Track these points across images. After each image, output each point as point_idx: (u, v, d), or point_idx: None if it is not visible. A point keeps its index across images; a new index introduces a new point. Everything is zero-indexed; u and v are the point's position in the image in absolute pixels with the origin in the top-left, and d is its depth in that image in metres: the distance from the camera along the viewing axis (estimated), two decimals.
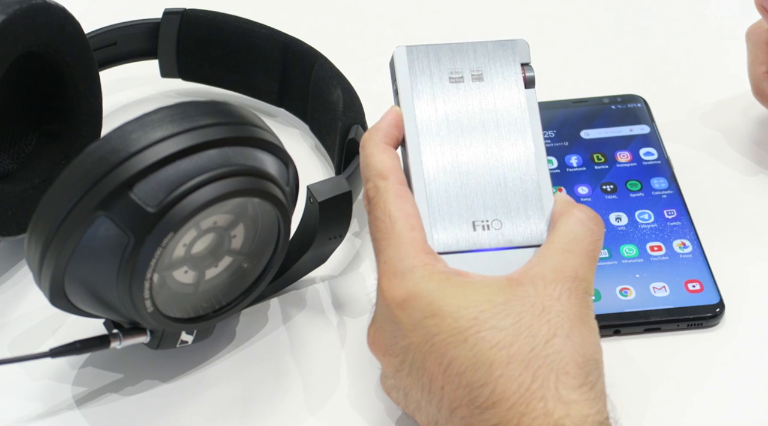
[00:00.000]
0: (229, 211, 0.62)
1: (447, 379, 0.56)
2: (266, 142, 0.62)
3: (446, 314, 0.57)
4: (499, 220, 0.63)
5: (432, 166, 0.63)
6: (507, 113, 0.65)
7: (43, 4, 0.70)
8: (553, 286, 0.58)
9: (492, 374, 0.55)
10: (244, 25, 0.81)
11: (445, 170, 0.63)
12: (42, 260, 0.60)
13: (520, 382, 0.55)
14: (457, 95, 0.65)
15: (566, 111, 0.81)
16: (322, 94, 0.78)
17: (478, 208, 0.63)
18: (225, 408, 0.66)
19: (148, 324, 0.63)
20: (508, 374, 0.55)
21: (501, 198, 0.63)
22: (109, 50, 0.81)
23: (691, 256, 0.72)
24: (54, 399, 0.66)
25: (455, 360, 0.56)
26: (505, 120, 0.65)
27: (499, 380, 0.55)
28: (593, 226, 0.60)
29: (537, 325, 0.56)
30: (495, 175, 0.63)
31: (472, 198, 0.63)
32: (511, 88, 0.66)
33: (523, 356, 0.55)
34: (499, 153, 0.64)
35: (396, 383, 0.60)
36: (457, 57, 0.66)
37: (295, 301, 0.71)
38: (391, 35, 0.90)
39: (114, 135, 0.59)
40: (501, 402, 0.55)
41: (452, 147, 0.64)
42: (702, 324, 0.70)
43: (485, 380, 0.55)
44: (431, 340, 0.57)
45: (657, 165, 0.78)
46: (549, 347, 0.56)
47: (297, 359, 0.69)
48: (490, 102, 0.65)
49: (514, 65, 0.66)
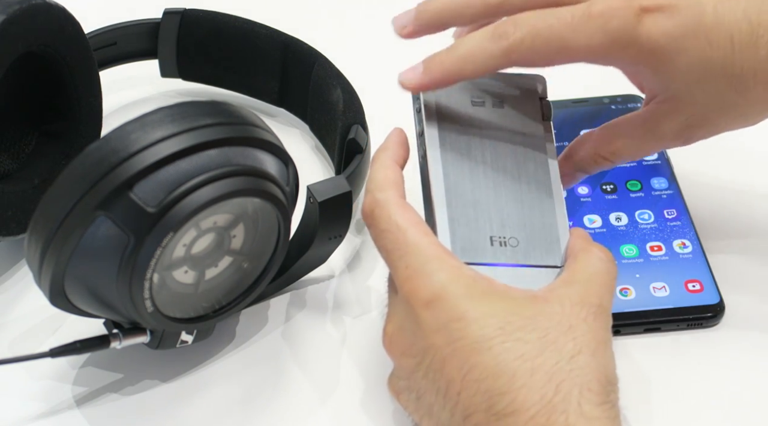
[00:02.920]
0: (229, 211, 0.62)
1: (465, 385, 0.56)
2: (266, 142, 0.62)
3: (472, 320, 0.56)
4: (516, 238, 0.63)
5: (452, 179, 0.64)
6: (525, 138, 0.66)
7: (43, 4, 0.70)
8: (579, 307, 0.58)
9: (514, 384, 0.55)
10: (244, 25, 0.81)
11: (464, 184, 0.64)
12: (42, 260, 0.60)
13: (543, 394, 0.55)
14: (478, 117, 0.66)
15: (566, 111, 0.81)
16: (322, 94, 0.78)
17: (495, 224, 0.63)
18: (225, 408, 0.66)
19: (148, 324, 0.63)
20: (530, 385, 0.55)
21: (518, 217, 0.64)
22: (109, 50, 0.81)
23: (691, 256, 0.72)
24: (54, 399, 0.66)
25: (476, 366, 0.56)
26: (524, 144, 0.66)
27: (520, 390, 0.55)
28: (611, 266, 0.61)
29: (563, 341, 0.56)
30: (513, 196, 0.64)
31: (490, 214, 0.63)
32: (530, 117, 0.67)
33: (547, 369, 0.55)
34: (517, 174, 0.65)
35: (409, 385, 0.59)
36: (479, 85, 0.68)
37: (295, 301, 0.71)
38: (391, 35, 0.90)
39: (114, 135, 0.59)
40: (521, 411, 0.54)
41: (472, 164, 0.65)
42: (702, 324, 0.70)
43: (506, 389, 0.55)
44: (454, 344, 0.56)
45: (657, 165, 0.78)
46: (574, 362, 0.56)
47: (297, 359, 0.69)
48: (510, 127, 0.66)
49: (534, 97, 0.68)
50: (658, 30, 0.62)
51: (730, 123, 0.65)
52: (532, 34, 0.62)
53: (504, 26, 0.63)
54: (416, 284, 0.58)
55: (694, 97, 0.63)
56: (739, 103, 0.63)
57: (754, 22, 0.62)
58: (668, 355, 0.68)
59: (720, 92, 0.63)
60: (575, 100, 0.82)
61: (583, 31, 0.62)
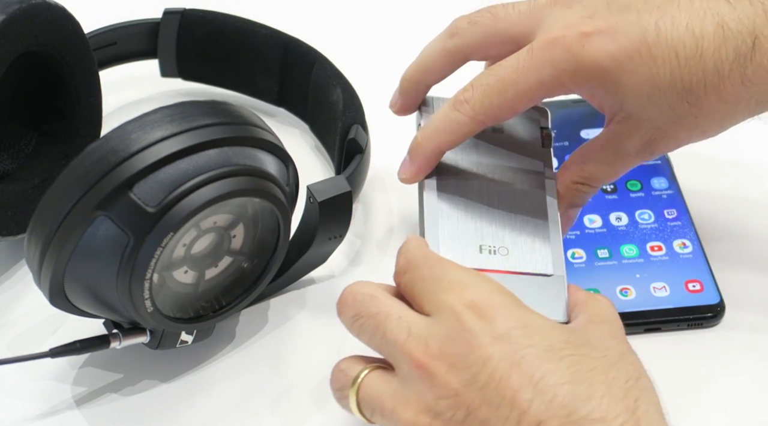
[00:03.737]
0: (229, 211, 0.62)
1: (539, 391, 0.53)
2: (266, 142, 0.62)
3: (536, 328, 0.55)
4: (506, 247, 0.64)
5: (445, 195, 0.66)
6: (522, 161, 0.68)
7: (43, 3, 0.70)
8: (617, 342, 0.57)
9: (595, 392, 0.53)
10: (244, 25, 0.81)
11: (457, 200, 0.66)
12: (42, 260, 0.60)
13: (626, 406, 0.53)
14: (477, 140, 0.69)
15: (566, 111, 0.81)
16: (322, 94, 0.78)
17: (487, 235, 0.64)
18: (225, 408, 0.66)
19: (148, 324, 0.63)
20: (611, 396, 0.53)
21: (510, 230, 0.65)
22: (109, 50, 0.81)
23: (691, 256, 0.72)
24: (54, 399, 0.66)
25: (552, 372, 0.54)
26: (520, 166, 0.68)
27: (603, 399, 0.53)
28: (617, 314, 0.60)
29: (622, 364, 0.55)
30: (506, 212, 0.66)
31: (482, 227, 0.65)
32: (530, 144, 0.69)
33: (620, 385, 0.54)
34: (511, 193, 0.67)
35: (455, 403, 0.54)
36: None
37: (295, 301, 0.71)
38: (391, 35, 0.90)
39: (114, 135, 0.59)
40: (607, 419, 0.53)
41: (467, 182, 0.67)
42: (702, 324, 0.70)
43: (588, 395, 0.53)
44: (521, 352, 0.54)
45: (657, 165, 0.78)
46: (641, 383, 0.55)
47: (297, 359, 0.69)
48: (508, 150, 0.69)
49: (534, 125, 0.70)
50: (601, 53, 0.63)
51: (689, 135, 0.66)
52: (488, 93, 0.64)
53: (462, 93, 0.66)
54: (461, 294, 0.56)
55: (648, 114, 0.64)
56: (694, 114, 0.64)
57: (698, 35, 0.62)
58: (668, 355, 0.68)
59: (673, 106, 0.63)
60: (575, 100, 0.82)
61: (532, 71, 0.64)
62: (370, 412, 0.57)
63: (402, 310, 0.57)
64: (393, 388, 0.56)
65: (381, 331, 0.57)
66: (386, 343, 0.57)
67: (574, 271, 0.71)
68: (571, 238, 0.73)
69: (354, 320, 0.58)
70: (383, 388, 0.57)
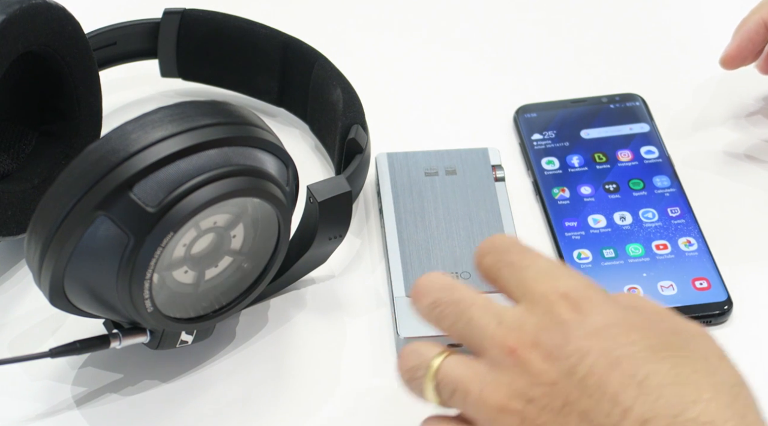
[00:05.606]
0: (229, 211, 0.62)
1: (644, 390, 0.52)
2: (266, 142, 0.62)
3: (632, 326, 0.54)
4: (468, 272, 0.70)
5: (405, 232, 0.72)
6: (477, 194, 0.74)
7: (43, 4, 0.70)
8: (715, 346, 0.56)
9: (701, 395, 0.51)
10: (244, 25, 0.81)
11: (417, 235, 0.72)
12: (42, 260, 0.60)
13: (735, 411, 0.52)
14: (432, 184, 0.75)
15: (565, 111, 0.81)
16: (322, 94, 0.78)
17: (448, 263, 0.71)
18: (225, 408, 0.66)
19: (148, 324, 0.63)
20: (718, 400, 0.52)
21: (469, 256, 0.68)
22: (109, 50, 0.81)
23: (697, 253, 0.72)
24: (54, 399, 0.66)
25: (655, 373, 0.52)
26: (476, 199, 0.74)
27: (710, 402, 0.52)
28: None
29: (724, 370, 0.54)
30: (465, 240, 0.72)
31: (443, 257, 0.71)
32: (483, 180, 0.75)
33: (727, 390, 0.52)
34: (469, 223, 0.73)
35: (552, 391, 0.53)
36: (433, 159, 0.76)
37: (295, 301, 0.71)
38: (391, 36, 0.90)
39: (114, 135, 0.59)
40: (716, 424, 0.51)
41: (425, 218, 0.73)
42: (710, 321, 0.70)
43: (695, 398, 0.52)
44: (621, 349, 0.53)
45: (658, 163, 0.78)
46: (746, 390, 0.53)
47: (297, 359, 0.68)
48: (462, 187, 0.75)
49: (486, 164, 0.76)
50: None
51: None
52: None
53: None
54: (554, 284, 0.55)
55: None
56: None
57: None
58: None
59: None
60: (574, 100, 0.82)
61: None
62: (449, 393, 0.55)
63: (485, 300, 0.56)
64: (479, 372, 0.55)
65: (466, 318, 0.56)
66: (472, 330, 0.55)
67: (582, 272, 0.71)
68: (576, 239, 0.73)
69: (433, 307, 0.57)
70: (467, 371, 0.55)
